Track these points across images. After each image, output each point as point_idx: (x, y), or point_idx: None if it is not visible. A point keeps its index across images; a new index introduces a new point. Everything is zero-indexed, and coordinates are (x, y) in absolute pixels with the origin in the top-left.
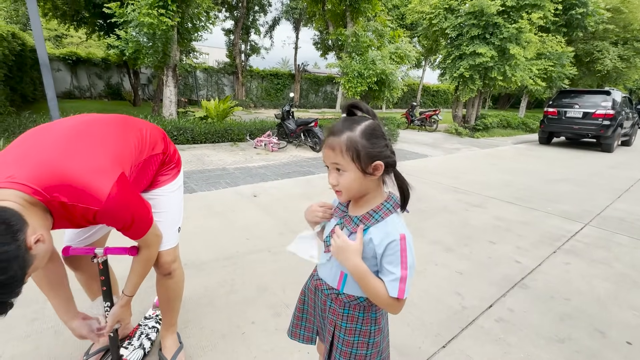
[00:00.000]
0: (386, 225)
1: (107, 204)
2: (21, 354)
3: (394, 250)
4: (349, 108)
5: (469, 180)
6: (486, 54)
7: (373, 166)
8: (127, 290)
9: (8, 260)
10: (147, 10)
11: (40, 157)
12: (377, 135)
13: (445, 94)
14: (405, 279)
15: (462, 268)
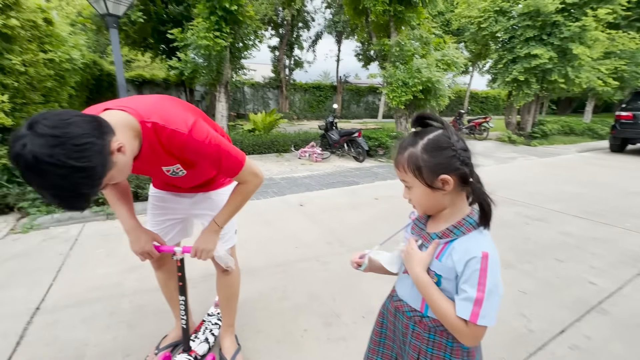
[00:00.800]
0: (468, 241)
1: (191, 134)
2: (103, 342)
3: (473, 269)
4: (418, 120)
5: (528, 192)
6: (543, 55)
7: (440, 180)
8: (218, 220)
9: (92, 150)
10: (204, 34)
11: (142, 100)
12: (441, 147)
13: (496, 100)
14: (480, 302)
15: (526, 287)
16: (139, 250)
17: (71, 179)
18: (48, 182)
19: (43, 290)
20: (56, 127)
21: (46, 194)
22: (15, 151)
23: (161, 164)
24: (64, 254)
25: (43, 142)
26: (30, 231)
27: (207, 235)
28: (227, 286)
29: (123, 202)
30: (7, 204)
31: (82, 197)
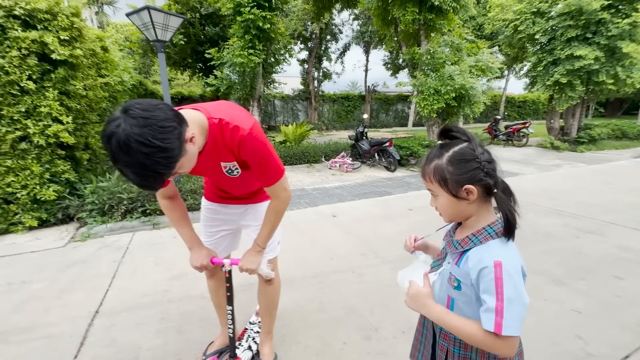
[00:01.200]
0: (483, 250)
1: (251, 132)
2: (154, 347)
3: (488, 279)
4: (443, 133)
5: (576, 202)
6: (588, 56)
7: (464, 190)
8: (259, 241)
9: (173, 133)
10: (239, 52)
11: (211, 103)
12: (466, 159)
13: (535, 104)
14: (501, 312)
15: (580, 306)
16: (197, 265)
17: (153, 157)
18: (134, 159)
19: (101, 295)
20: (146, 110)
21: (129, 172)
22: (110, 130)
23: (220, 159)
24: (117, 261)
25: (134, 123)
26: (87, 239)
27: (251, 255)
28: (269, 295)
29: (184, 223)
30: (68, 215)
31: (159, 177)
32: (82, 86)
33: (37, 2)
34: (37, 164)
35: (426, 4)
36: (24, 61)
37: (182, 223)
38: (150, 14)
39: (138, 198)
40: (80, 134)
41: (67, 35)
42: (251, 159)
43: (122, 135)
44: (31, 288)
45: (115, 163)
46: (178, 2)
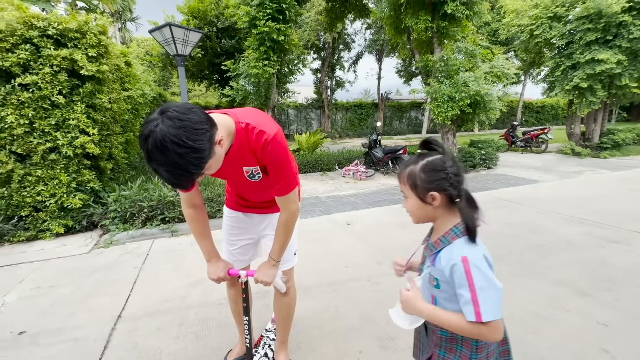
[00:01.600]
0: (451, 249)
1: (275, 137)
2: (174, 352)
3: (459, 274)
4: (424, 144)
5: (600, 210)
6: (609, 59)
7: (429, 196)
8: (273, 255)
9: (205, 135)
10: (254, 63)
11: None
12: (436, 169)
13: (554, 109)
14: (476, 302)
15: (607, 319)
16: (214, 277)
17: (186, 157)
18: (169, 158)
19: (123, 300)
20: (182, 112)
21: (162, 171)
22: (148, 129)
23: (243, 163)
24: (138, 268)
25: (171, 124)
26: (110, 246)
27: (266, 268)
28: (284, 305)
29: (205, 236)
30: (92, 222)
31: (190, 176)
32: (107, 99)
33: (68, 22)
34: (64, 174)
35: (439, 12)
36: (55, 77)
37: (203, 236)
38: (172, 30)
39: (158, 206)
40: (104, 144)
41: (95, 52)
42: (271, 163)
43: (159, 135)
44: (58, 292)
45: (149, 162)
46: (196, 17)
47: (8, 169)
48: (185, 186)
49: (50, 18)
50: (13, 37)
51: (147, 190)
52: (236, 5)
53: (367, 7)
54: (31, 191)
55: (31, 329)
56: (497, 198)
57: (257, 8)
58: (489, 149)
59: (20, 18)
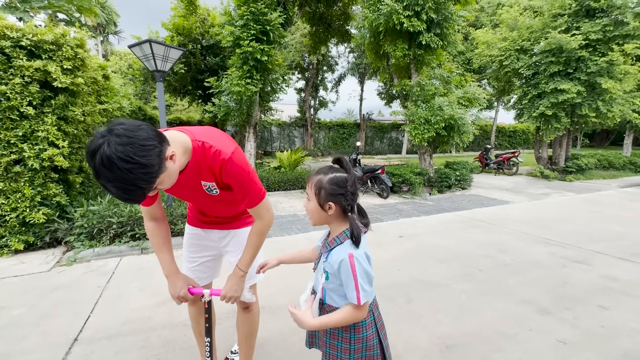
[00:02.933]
0: (341, 248)
1: (233, 157)
2: None
3: (346, 267)
4: (337, 161)
5: (564, 231)
6: (571, 90)
7: (327, 205)
8: (241, 264)
9: (153, 151)
10: (237, 81)
11: (196, 127)
12: (340, 185)
13: (525, 134)
14: (357, 288)
15: (566, 336)
16: (175, 295)
17: (134, 172)
18: (116, 174)
19: (81, 321)
20: (129, 130)
21: (111, 187)
22: (95, 145)
23: (201, 178)
24: (102, 287)
25: (118, 141)
26: (73, 264)
27: (234, 281)
28: (247, 323)
29: (165, 250)
30: (56, 238)
31: (140, 190)
32: (80, 112)
33: (44, 34)
34: (29, 187)
35: (415, 41)
36: (26, 88)
37: (163, 249)
38: (152, 47)
39: (128, 222)
40: (75, 157)
41: (70, 65)
42: (233, 182)
43: (106, 152)
44: (11, 314)
45: (98, 178)
46: (181, 34)
47: None
48: (136, 200)
49: (24, 29)
50: None
51: (118, 205)
52: (221, 24)
53: (349, 33)
54: None
55: None
56: (470, 218)
57: (242, 29)
58: (464, 170)
59: None
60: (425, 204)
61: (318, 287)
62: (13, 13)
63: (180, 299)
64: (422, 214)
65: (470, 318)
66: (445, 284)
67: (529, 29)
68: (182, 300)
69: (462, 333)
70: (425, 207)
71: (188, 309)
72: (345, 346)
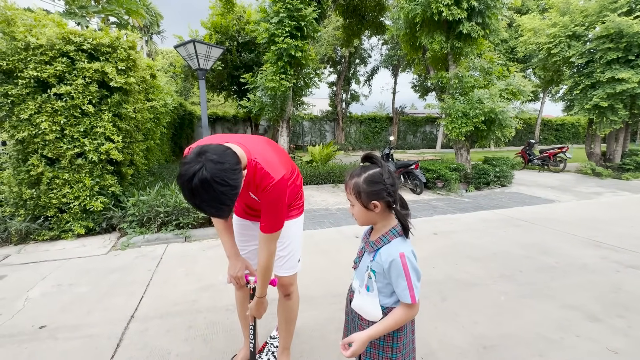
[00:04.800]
0: (390, 247)
1: (279, 182)
2: (182, 354)
3: (397, 266)
4: (365, 158)
5: (618, 234)
6: (631, 79)
7: (372, 204)
8: (257, 293)
9: (239, 174)
10: (271, 77)
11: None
12: (376, 181)
13: (574, 127)
14: (411, 287)
15: (618, 346)
16: (233, 275)
17: (227, 194)
18: (211, 195)
19: (136, 301)
20: (220, 155)
21: (205, 206)
22: (193, 170)
23: (249, 189)
24: (152, 270)
25: (214, 167)
26: (127, 249)
27: (252, 304)
28: (287, 310)
29: (228, 232)
30: (111, 225)
31: (228, 208)
32: (132, 109)
33: (102, 37)
34: (89, 178)
35: (454, 31)
36: (87, 88)
37: (225, 232)
38: (195, 47)
39: (173, 212)
40: (127, 151)
41: (124, 66)
42: (265, 203)
43: (206, 176)
44: (77, 291)
45: (192, 198)
46: (218, 32)
47: (38, 171)
48: (225, 216)
49: (86, 34)
50: (52, 51)
51: (164, 196)
52: (256, 22)
53: (384, 25)
54: (57, 193)
55: (51, 324)
56: (510, 217)
57: (277, 25)
58: (504, 166)
59: (59, 34)
60: (461, 201)
61: (362, 287)
62: (72, 19)
63: (237, 279)
64: (458, 211)
65: (509, 320)
66: (481, 284)
67: (582, 13)
68: (237, 280)
69: (500, 335)
70: (461, 204)
71: (235, 293)
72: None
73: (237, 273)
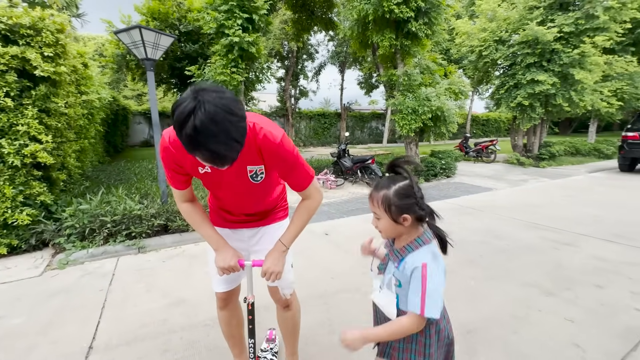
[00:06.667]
0: (415, 255)
1: (282, 141)
2: None
3: (417, 276)
4: (391, 167)
5: (548, 215)
6: (546, 81)
7: (402, 218)
8: (284, 239)
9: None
10: (221, 70)
11: None
12: (407, 195)
13: (497, 122)
14: (424, 299)
15: (573, 315)
16: (225, 265)
17: (235, 125)
18: (221, 128)
19: (92, 328)
20: (218, 89)
21: (213, 143)
22: (192, 105)
23: (249, 162)
24: (104, 290)
25: (216, 96)
26: (66, 267)
27: (275, 255)
28: (289, 319)
29: (206, 225)
30: (43, 240)
31: (238, 147)
32: (63, 103)
33: (20, 17)
34: (9, 186)
35: (402, 30)
36: (2, 77)
37: (204, 225)
38: (142, 33)
39: (122, 220)
40: (57, 153)
41: (52, 52)
42: (283, 165)
43: (211, 106)
44: (9, 324)
45: (195, 138)
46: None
47: None
48: (232, 158)
49: None
50: None
51: (110, 203)
52: (201, 9)
53: (333, 21)
54: None
55: None
56: (460, 205)
57: (226, 15)
58: (449, 159)
59: None
60: None
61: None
62: None
63: (231, 269)
64: None
65: (483, 303)
66: (451, 271)
67: (506, 20)
68: (232, 270)
69: (479, 318)
70: None
71: (218, 314)
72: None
73: (230, 262)
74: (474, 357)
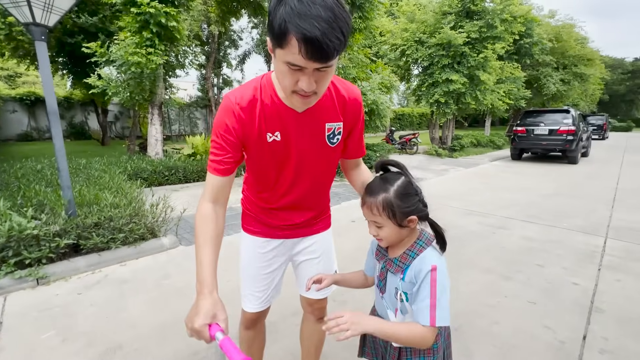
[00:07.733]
0: (422, 260)
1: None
2: None
3: (426, 280)
4: (382, 166)
5: (475, 202)
6: (458, 80)
7: (408, 220)
8: None
9: None
10: (134, 49)
11: None
12: (409, 193)
13: (410, 117)
14: (434, 307)
15: (532, 297)
16: (190, 326)
17: (346, 18)
18: (330, 9)
19: None
20: None
21: (320, 16)
22: None
23: (328, 118)
24: None
25: None
26: None
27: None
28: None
29: (213, 245)
30: None
31: (344, 43)
32: None
33: None
34: None
35: None
36: None
37: (210, 244)
38: None
39: (8, 244)
40: None
41: None
42: (358, 121)
43: None
44: None
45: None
46: None
47: None
48: (337, 50)
49: None
50: None
51: None
52: None
53: (263, 7)
54: None
55: None
56: None
57: None
58: (383, 151)
59: None
60: None
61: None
62: None
63: (196, 332)
64: (353, 197)
65: (458, 296)
66: None
67: (424, 23)
68: (197, 335)
69: (459, 313)
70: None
71: (241, 332)
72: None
73: (195, 324)
74: (470, 358)
